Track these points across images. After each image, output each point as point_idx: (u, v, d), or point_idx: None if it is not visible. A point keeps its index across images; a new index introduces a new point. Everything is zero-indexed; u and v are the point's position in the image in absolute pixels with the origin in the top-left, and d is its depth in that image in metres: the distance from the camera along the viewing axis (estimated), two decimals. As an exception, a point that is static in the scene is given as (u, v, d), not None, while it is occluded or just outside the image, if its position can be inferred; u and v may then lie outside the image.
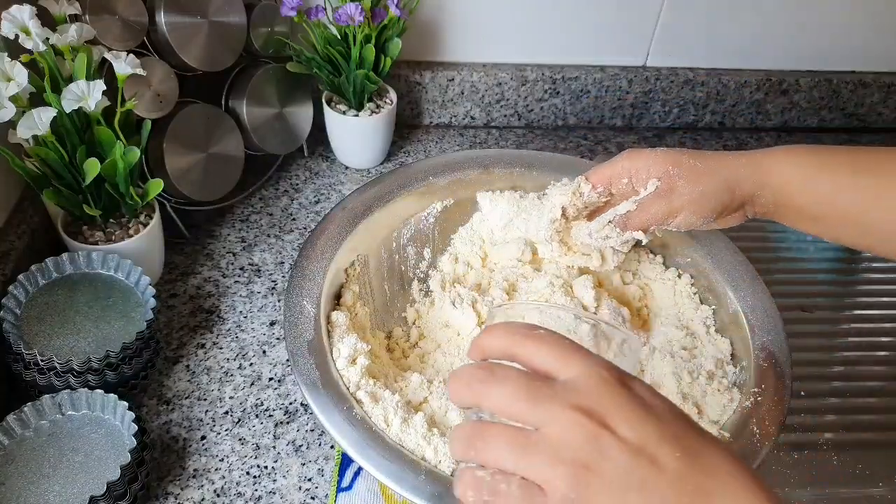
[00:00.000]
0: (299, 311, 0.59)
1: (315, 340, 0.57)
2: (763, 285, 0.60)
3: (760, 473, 0.36)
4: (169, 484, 0.57)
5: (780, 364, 0.56)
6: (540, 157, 0.75)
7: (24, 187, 0.72)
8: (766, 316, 0.59)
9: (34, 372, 0.57)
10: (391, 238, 0.70)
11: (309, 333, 0.57)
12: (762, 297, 0.59)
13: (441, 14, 0.91)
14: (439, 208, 0.72)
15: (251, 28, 0.79)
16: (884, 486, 0.62)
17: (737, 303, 0.60)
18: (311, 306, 0.59)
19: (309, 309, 0.59)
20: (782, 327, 0.58)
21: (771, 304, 0.59)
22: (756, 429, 0.52)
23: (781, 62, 1.01)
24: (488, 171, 0.73)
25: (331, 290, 0.62)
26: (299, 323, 0.58)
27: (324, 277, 0.62)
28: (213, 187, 0.78)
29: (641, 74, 0.98)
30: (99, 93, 0.59)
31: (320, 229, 0.65)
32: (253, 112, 0.81)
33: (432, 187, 0.71)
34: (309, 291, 0.60)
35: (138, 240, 0.67)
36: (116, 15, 0.67)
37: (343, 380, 0.55)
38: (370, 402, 0.53)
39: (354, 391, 0.54)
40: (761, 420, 0.52)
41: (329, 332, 0.58)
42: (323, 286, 0.61)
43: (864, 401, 0.70)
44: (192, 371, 0.66)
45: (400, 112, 0.97)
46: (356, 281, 0.65)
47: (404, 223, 0.70)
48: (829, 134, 1.07)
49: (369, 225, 0.67)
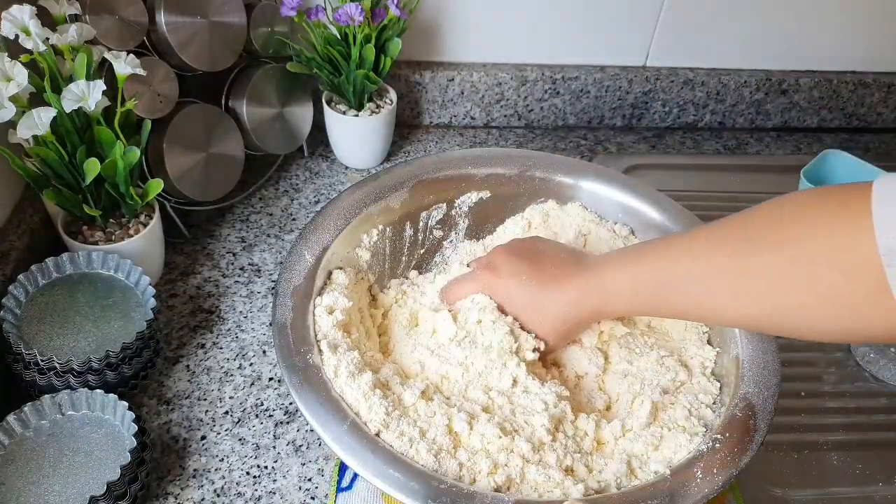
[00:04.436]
0: (298, 257, 0.60)
1: (301, 286, 0.58)
2: (773, 340, 0.57)
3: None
4: (169, 484, 0.57)
5: (755, 418, 0.52)
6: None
7: (24, 187, 0.72)
8: (763, 369, 0.55)
9: (34, 372, 0.57)
10: (419, 217, 0.69)
11: (298, 279, 0.59)
12: (767, 349, 0.56)
13: (441, 14, 0.92)
14: (474, 199, 0.71)
15: (251, 28, 0.79)
16: (884, 486, 0.62)
17: (740, 348, 0.57)
18: (311, 257, 0.61)
19: (308, 258, 0.61)
20: (775, 384, 0.55)
21: (773, 360, 0.56)
22: (700, 473, 0.49)
23: (781, 62, 1.01)
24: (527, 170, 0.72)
25: (342, 249, 0.63)
26: (295, 267, 0.60)
27: (335, 235, 0.63)
28: (213, 187, 0.78)
29: (641, 74, 0.98)
30: (99, 93, 0.59)
31: (349, 193, 0.67)
32: (253, 112, 0.81)
33: (470, 179, 0.71)
34: (314, 243, 0.62)
35: (138, 240, 0.67)
36: (116, 15, 0.67)
37: (315, 326, 0.56)
38: (329, 352, 0.54)
39: (321, 339, 0.56)
40: (709, 467, 0.49)
41: (324, 286, 0.61)
42: (332, 243, 0.62)
43: (863, 401, 0.70)
44: (192, 371, 0.66)
45: (400, 112, 0.97)
46: (369, 249, 0.66)
47: (436, 205, 0.70)
48: (829, 134, 1.07)
49: (401, 198, 0.68)
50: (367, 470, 0.48)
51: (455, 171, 0.70)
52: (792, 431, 0.66)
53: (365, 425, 0.51)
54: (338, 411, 0.51)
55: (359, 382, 0.53)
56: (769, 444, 0.65)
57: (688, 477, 0.49)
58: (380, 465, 0.48)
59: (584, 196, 0.71)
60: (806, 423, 0.67)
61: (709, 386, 0.58)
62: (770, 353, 0.56)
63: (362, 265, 0.66)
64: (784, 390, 0.69)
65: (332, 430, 0.50)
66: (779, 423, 0.66)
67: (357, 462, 0.48)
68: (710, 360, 0.59)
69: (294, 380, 0.52)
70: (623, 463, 0.52)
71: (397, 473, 0.47)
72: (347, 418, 0.50)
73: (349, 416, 0.51)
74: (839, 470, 0.63)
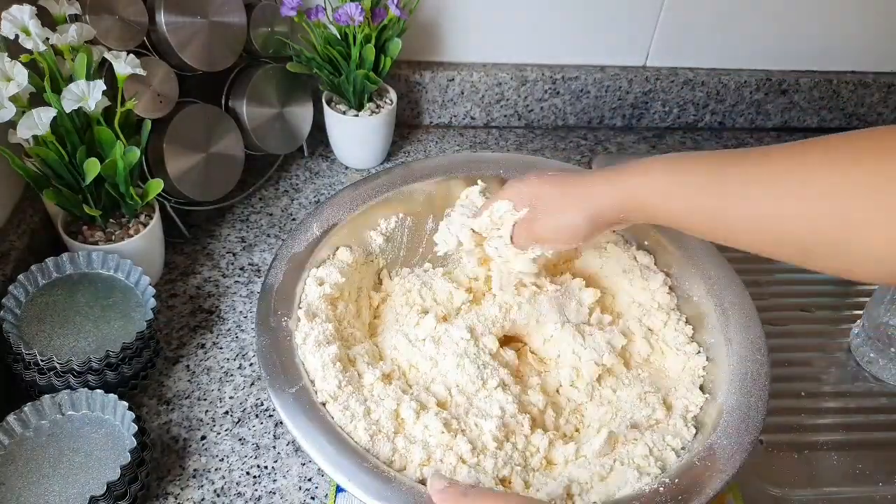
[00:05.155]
0: (306, 228, 0.63)
1: (300, 255, 0.61)
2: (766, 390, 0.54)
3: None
4: (169, 484, 0.57)
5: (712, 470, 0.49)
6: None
7: (24, 187, 0.72)
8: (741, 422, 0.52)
9: (34, 372, 0.57)
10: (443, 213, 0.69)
11: (300, 247, 0.61)
12: (753, 404, 0.53)
13: (441, 14, 0.91)
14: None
15: (251, 28, 0.79)
16: (884, 486, 0.62)
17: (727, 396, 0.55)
18: (318, 229, 0.63)
19: (314, 230, 0.63)
20: (749, 441, 0.51)
21: (756, 415, 0.53)
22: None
23: (781, 62, 1.01)
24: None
25: (354, 228, 0.65)
26: (299, 236, 0.62)
27: (348, 214, 0.65)
28: (213, 187, 0.78)
29: (641, 74, 0.98)
30: (99, 93, 0.59)
31: (373, 178, 0.68)
32: (253, 112, 0.81)
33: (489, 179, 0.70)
34: (325, 219, 0.64)
35: (138, 240, 0.67)
36: (116, 15, 0.67)
37: (302, 294, 0.59)
38: (305, 320, 0.57)
39: (303, 307, 0.58)
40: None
41: (327, 259, 0.63)
42: (344, 220, 0.64)
43: (863, 401, 0.70)
44: (192, 371, 0.66)
45: (400, 112, 0.97)
46: (385, 234, 0.67)
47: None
48: (829, 134, 1.06)
49: (427, 190, 0.69)
50: (300, 432, 0.49)
51: (490, 173, 0.70)
52: (792, 431, 0.66)
53: (315, 394, 0.52)
54: (292, 375, 0.53)
55: (322, 352, 0.54)
56: (769, 444, 0.65)
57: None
58: (313, 432, 0.49)
59: None
60: (806, 423, 0.67)
61: (683, 430, 0.55)
62: (755, 409, 0.53)
63: (374, 248, 0.67)
64: (784, 390, 0.69)
65: (280, 390, 0.51)
66: (779, 423, 0.66)
67: (293, 425, 0.50)
68: (695, 404, 0.57)
69: (262, 339, 0.54)
70: (562, 486, 0.51)
71: (327, 443, 0.49)
72: (298, 383, 0.52)
73: (301, 381, 0.52)
74: (839, 470, 0.63)
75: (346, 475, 0.47)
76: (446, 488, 0.44)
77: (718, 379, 0.57)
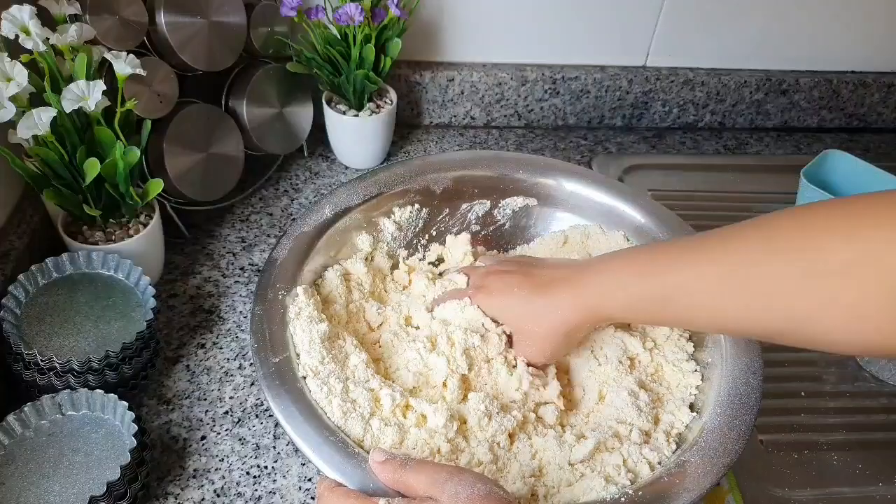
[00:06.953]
0: (319, 209, 0.64)
1: (306, 234, 0.62)
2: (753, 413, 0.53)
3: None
4: (169, 484, 0.57)
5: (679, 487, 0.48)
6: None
7: (24, 187, 0.72)
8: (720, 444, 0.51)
9: (34, 372, 0.57)
10: (459, 207, 0.70)
11: (308, 227, 0.63)
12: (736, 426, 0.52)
13: (441, 14, 0.92)
14: (520, 204, 0.71)
15: (251, 28, 0.79)
16: (884, 486, 0.62)
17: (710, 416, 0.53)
18: (330, 212, 0.64)
19: (327, 212, 0.64)
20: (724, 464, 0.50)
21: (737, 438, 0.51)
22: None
23: (781, 62, 1.01)
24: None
25: (366, 215, 0.66)
26: (310, 217, 0.64)
27: (359, 199, 0.66)
28: (213, 187, 0.78)
29: (641, 74, 0.98)
30: (99, 93, 0.59)
31: (389, 167, 0.69)
32: (253, 112, 0.81)
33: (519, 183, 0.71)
34: (338, 203, 0.65)
35: (138, 240, 0.67)
36: (116, 15, 0.67)
37: (300, 273, 0.60)
38: (302, 295, 0.58)
39: (301, 283, 0.59)
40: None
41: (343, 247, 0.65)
42: (352, 203, 0.65)
43: (863, 401, 0.70)
44: (192, 371, 0.66)
45: (400, 112, 0.97)
46: (397, 223, 0.68)
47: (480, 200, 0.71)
48: (829, 134, 1.07)
49: (445, 184, 0.69)
50: (275, 402, 0.50)
51: (508, 172, 0.70)
52: (792, 431, 0.66)
53: (297, 367, 0.53)
54: (278, 346, 0.53)
55: (312, 328, 0.55)
56: (769, 444, 0.65)
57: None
58: (287, 402, 0.50)
59: (630, 229, 0.68)
60: (806, 423, 0.67)
61: (664, 446, 0.54)
62: (736, 432, 0.52)
63: (386, 236, 0.68)
64: (784, 390, 0.69)
65: (263, 360, 0.52)
66: (779, 423, 0.66)
67: (271, 395, 0.51)
68: (682, 422, 0.56)
69: (256, 309, 0.56)
70: (527, 487, 0.50)
71: (298, 413, 0.49)
72: (282, 354, 0.53)
73: (286, 352, 0.53)
74: (839, 470, 0.63)
75: (310, 445, 0.48)
76: (387, 460, 0.46)
77: (709, 399, 0.56)
